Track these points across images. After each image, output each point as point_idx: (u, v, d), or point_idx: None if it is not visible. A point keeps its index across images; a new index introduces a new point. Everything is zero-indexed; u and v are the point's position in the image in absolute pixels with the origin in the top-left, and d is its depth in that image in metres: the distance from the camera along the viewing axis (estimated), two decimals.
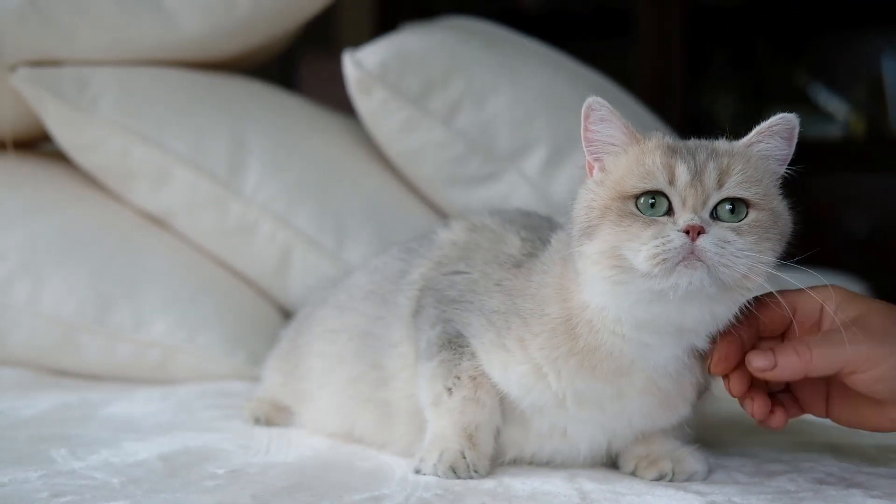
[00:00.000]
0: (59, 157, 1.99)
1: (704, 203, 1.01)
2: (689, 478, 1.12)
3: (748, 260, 0.99)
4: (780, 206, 1.06)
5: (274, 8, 2.04)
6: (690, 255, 0.98)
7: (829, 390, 1.11)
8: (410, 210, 2.01)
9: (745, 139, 1.08)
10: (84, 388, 1.73)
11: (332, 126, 2.12)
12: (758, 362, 1.04)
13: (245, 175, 1.89)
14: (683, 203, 1.01)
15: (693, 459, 1.14)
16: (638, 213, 1.02)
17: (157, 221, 1.94)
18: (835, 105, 3.44)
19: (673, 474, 1.12)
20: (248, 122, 1.96)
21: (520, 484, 1.08)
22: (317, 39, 3.11)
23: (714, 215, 1.02)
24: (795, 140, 1.07)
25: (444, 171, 1.98)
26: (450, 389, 1.13)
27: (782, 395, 1.13)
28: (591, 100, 1.07)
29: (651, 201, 1.02)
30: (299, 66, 3.42)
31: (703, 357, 1.08)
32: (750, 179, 1.03)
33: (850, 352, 1.02)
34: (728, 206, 1.02)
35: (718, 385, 1.16)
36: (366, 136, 2.07)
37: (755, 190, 1.03)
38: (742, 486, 1.09)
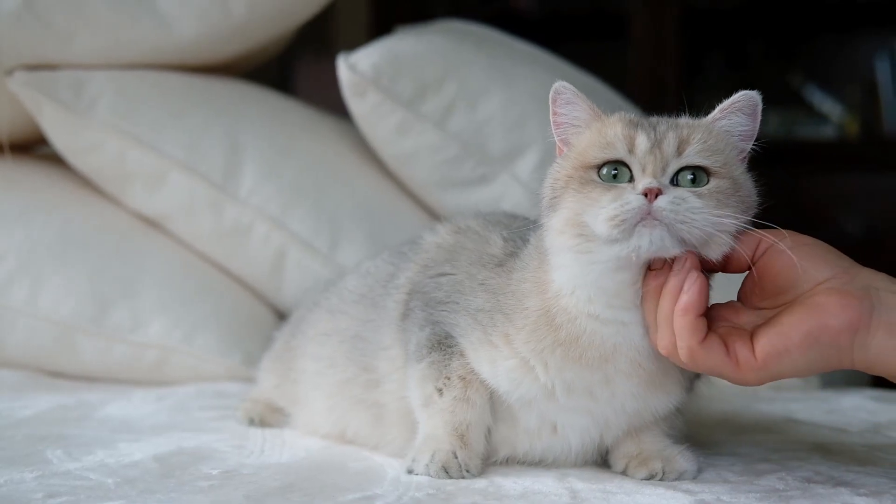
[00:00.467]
0: (56, 159, 2.00)
1: (664, 170, 1.03)
2: (679, 477, 1.13)
3: (704, 217, 0.99)
4: (743, 177, 1.07)
5: (269, 12, 2.04)
6: (648, 216, 0.99)
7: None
8: (404, 212, 2.02)
9: (709, 116, 1.09)
10: (81, 389, 1.74)
11: (326, 129, 2.13)
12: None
13: (240, 178, 1.90)
14: (643, 170, 1.03)
15: (683, 459, 1.14)
16: (599, 181, 1.04)
17: (152, 224, 1.95)
18: (829, 106, 3.44)
19: (663, 473, 1.13)
20: (244, 125, 1.97)
21: (511, 483, 1.09)
22: (313, 42, 3.12)
23: (675, 183, 1.03)
24: (759, 117, 1.08)
25: (438, 173, 1.98)
26: (440, 390, 1.14)
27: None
28: (558, 84, 1.10)
29: (613, 172, 1.04)
30: (295, 69, 3.43)
31: None
32: (710, 149, 1.05)
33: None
34: (689, 175, 1.03)
35: (719, 381, 1.16)
36: (360, 139, 2.08)
37: (715, 159, 1.04)
38: (731, 485, 1.09)
